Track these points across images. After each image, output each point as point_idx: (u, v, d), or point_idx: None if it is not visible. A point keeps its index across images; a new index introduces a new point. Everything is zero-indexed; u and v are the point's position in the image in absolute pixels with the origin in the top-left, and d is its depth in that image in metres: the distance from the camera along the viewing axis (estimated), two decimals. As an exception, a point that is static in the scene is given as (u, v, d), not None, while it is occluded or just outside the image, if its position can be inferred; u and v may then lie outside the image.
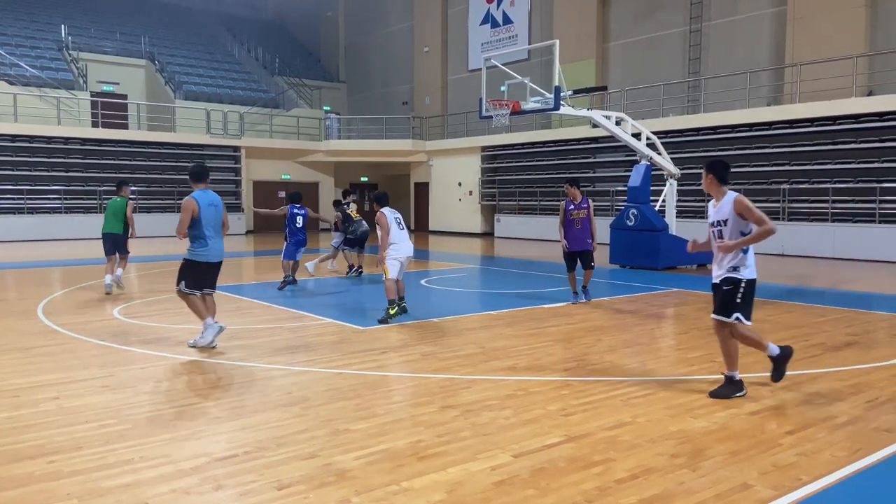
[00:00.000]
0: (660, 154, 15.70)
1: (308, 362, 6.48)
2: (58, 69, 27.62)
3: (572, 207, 9.99)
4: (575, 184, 10.14)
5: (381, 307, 8.95)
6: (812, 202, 18.24)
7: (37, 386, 5.63)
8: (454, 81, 31.49)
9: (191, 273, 6.96)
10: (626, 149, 18.28)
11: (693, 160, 20.45)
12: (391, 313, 8.60)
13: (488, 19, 29.47)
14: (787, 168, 18.90)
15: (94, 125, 26.12)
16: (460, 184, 29.02)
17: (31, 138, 24.37)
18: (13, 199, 23.58)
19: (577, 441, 4.38)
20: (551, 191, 25.18)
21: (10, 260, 16.62)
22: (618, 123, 15.16)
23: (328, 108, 33.75)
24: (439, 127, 31.09)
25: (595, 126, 16.69)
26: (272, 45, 37.15)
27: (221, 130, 28.23)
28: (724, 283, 5.50)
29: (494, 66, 14.33)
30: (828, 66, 18.06)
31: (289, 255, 11.90)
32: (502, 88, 14.57)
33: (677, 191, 16.37)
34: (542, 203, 25.70)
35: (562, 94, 13.43)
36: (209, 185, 7.11)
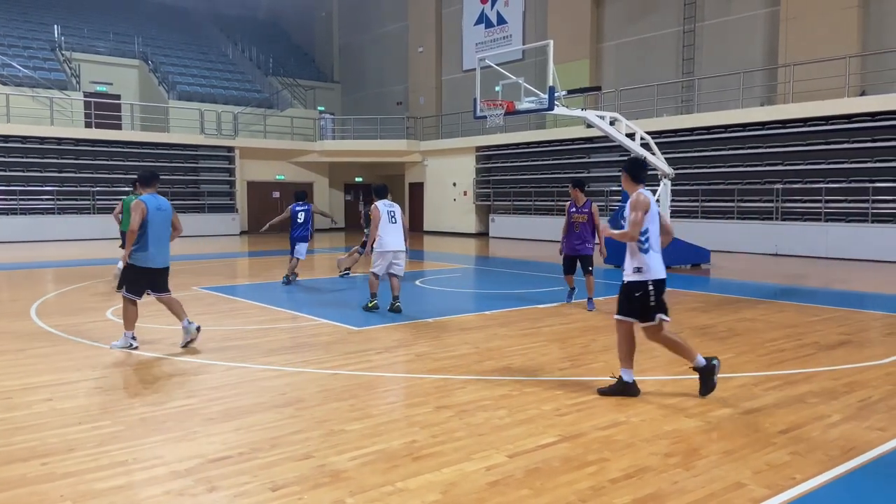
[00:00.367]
0: (654, 154, 15.71)
1: (302, 363, 6.47)
2: (51, 69, 27.52)
3: (574, 210, 9.75)
4: (578, 185, 9.76)
5: (378, 310, 9.25)
6: (805, 202, 18.30)
7: (30, 387, 5.61)
8: (448, 81, 31.49)
9: (132, 279, 7.02)
10: (621, 149, 18.30)
11: (687, 160, 20.52)
12: (368, 306, 9.22)
13: (482, 19, 29.48)
14: (780, 168, 18.96)
15: (88, 126, 26.02)
16: (455, 184, 29.02)
17: (24, 139, 24.27)
18: (6, 199, 23.46)
19: (571, 441, 4.38)
20: (546, 191, 25.21)
21: (3, 261, 16.55)
22: (612, 124, 15.17)
23: (322, 109, 33.70)
24: (434, 127, 31.09)
25: (589, 126, 16.68)
26: (266, 45, 37.09)
27: (215, 131, 28.17)
28: (634, 288, 5.47)
29: (489, 66, 14.32)
30: (820, 67, 18.13)
31: (292, 252, 12.46)
32: (497, 89, 14.57)
33: (671, 191, 16.40)
34: (537, 203, 25.73)
35: (556, 94, 13.43)
36: (157, 190, 7.20)
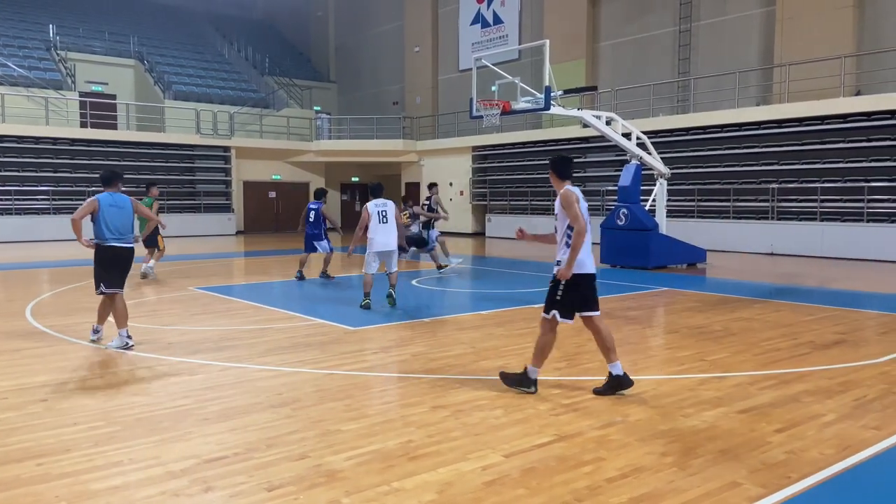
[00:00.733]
0: (650, 154, 15.74)
1: (298, 363, 6.46)
2: (46, 69, 27.44)
3: None
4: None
5: (375, 309, 9.38)
6: (801, 201, 18.34)
7: (25, 388, 5.59)
8: (445, 81, 31.49)
9: (104, 266, 7.11)
10: (617, 148, 18.33)
11: (683, 160, 20.56)
12: (361, 305, 9.47)
13: (479, 19, 29.49)
14: (775, 167, 19.00)
15: (83, 125, 25.96)
16: (451, 184, 29.02)
17: (20, 138, 24.19)
18: (1, 199, 23.40)
19: (567, 440, 4.39)
20: (542, 191, 25.23)
21: (-2, 261, 16.49)
22: (608, 123, 15.18)
23: (319, 108, 33.68)
24: (430, 127, 31.09)
25: (585, 126, 16.71)
26: (262, 44, 37.04)
27: (211, 130, 28.13)
28: (552, 278, 5.43)
29: (485, 66, 14.32)
30: (816, 66, 18.17)
31: (305, 249, 12.96)
32: (493, 88, 14.57)
33: (667, 190, 16.43)
34: (533, 203, 25.75)
35: (552, 94, 13.44)
36: (122, 190, 7.45)
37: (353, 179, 32.88)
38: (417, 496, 3.58)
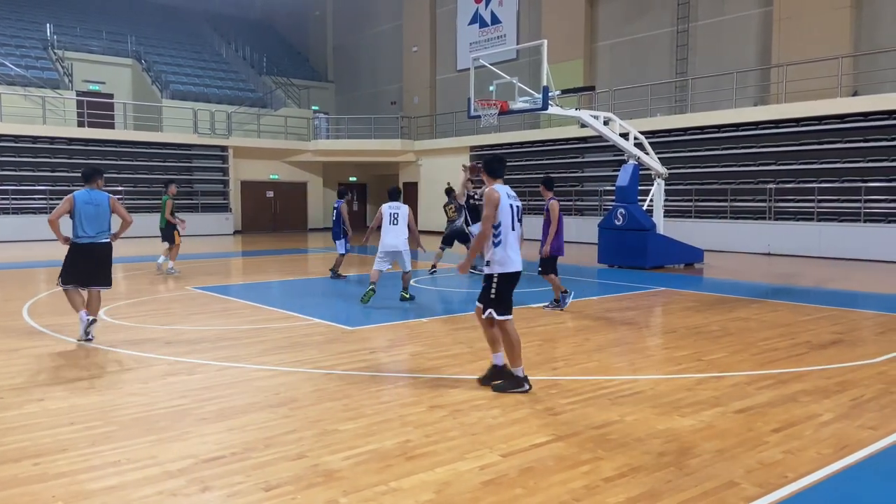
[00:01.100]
0: (647, 154, 15.76)
1: (296, 363, 6.45)
2: (43, 68, 27.39)
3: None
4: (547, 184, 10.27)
5: (373, 308, 9.41)
6: (798, 201, 18.37)
7: (21, 387, 5.58)
8: (443, 81, 31.49)
9: (69, 261, 7.34)
10: (614, 149, 18.34)
11: (680, 160, 20.58)
12: (364, 294, 9.81)
13: (477, 19, 29.49)
14: (773, 168, 19.03)
15: (80, 125, 25.90)
16: (449, 183, 28.98)
17: (16, 138, 24.15)
18: (-2, 199, 23.39)
19: (564, 440, 4.39)
20: (540, 191, 25.19)
21: (-5, 261, 16.46)
22: (606, 123, 15.20)
23: (317, 108, 33.66)
24: (428, 127, 31.08)
25: (583, 126, 16.72)
26: (260, 44, 37.01)
27: (209, 130, 28.09)
28: (485, 279, 5.58)
29: (483, 65, 14.33)
30: (813, 67, 18.20)
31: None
32: (491, 88, 14.58)
33: (665, 190, 16.45)
34: (531, 203, 25.73)
35: (550, 94, 13.45)
36: (103, 187, 7.64)
37: (351, 179, 32.86)
38: (415, 496, 3.58)
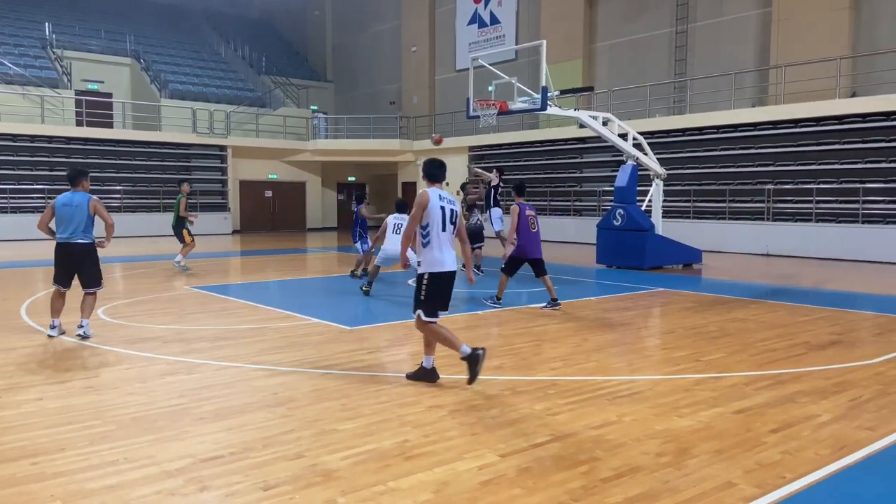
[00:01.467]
0: (646, 154, 15.76)
1: (295, 363, 6.45)
2: (42, 67, 27.35)
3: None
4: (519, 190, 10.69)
5: (372, 308, 9.51)
6: (796, 202, 18.38)
7: (20, 387, 5.58)
8: (441, 81, 31.48)
9: (54, 261, 7.61)
10: (613, 149, 18.34)
11: (679, 161, 20.58)
12: (361, 287, 10.80)
13: (476, 19, 29.49)
14: (771, 168, 19.04)
15: (79, 124, 25.87)
16: (447, 183, 28.88)
17: (15, 137, 24.13)
18: (-4, 198, 23.36)
19: (563, 440, 4.39)
20: (538, 191, 25.24)
21: (-7, 260, 16.44)
22: (604, 124, 15.20)
23: (315, 108, 33.64)
24: (427, 127, 31.06)
25: (582, 126, 16.73)
26: (259, 43, 36.99)
27: (207, 130, 28.07)
28: (417, 279, 5.77)
29: (482, 66, 14.32)
30: (812, 68, 18.21)
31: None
32: (490, 88, 14.58)
33: (663, 191, 16.45)
34: (530, 203, 25.68)
35: (549, 94, 13.45)
36: (87, 188, 7.76)
37: (350, 179, 32.85)
38: (413, 496, 3.58)
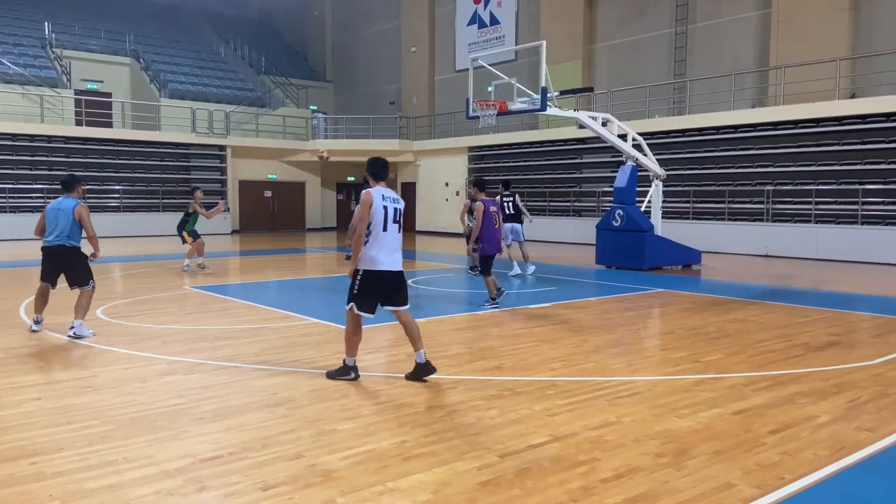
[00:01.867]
0: (645, 155, 15.77)
1: (294, 363, 6.45)
2: (41, 67, 27.35)
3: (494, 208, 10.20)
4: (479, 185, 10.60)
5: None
6: (795, 203, 18.40)
7: (18, 387, 5.57)
8: (441, 81, 31.49)
9: (42, 261, 7.85)
10: (613, 150, 18.35)
11: (679, 161, 20.60)
12: None
13: (475, 20, 29.50)
14: (770, 169, 19.06)
15: (78, 123, 25.86)
16: (447, 184, 29.02)
17: (14, 136, 24.11)
18: (-5, 197, 23.35)
19: (562, 441, 4.39)
20: (538, 191, 25.27)
21: (-8, 259, 16.43)
22: (604, 124, 15.21)
23: (315, 108, 33.64)
24: (426, 127, 31.08)
25: (581, 127, 16.74)
26: (259, 43, 36.99)
27: (207, 129, 28.06)
28: (353, 272, 5.88)
29: (481, 66, 14.33)
30: (811, 69, 18.22)
31: None
32: (489, 89, 14.59)
33: (663, 192, 16.46)
34: (529, 203, 25.72)
35: (548, 94, 13.46)
36: (76, 195, 7.89)
37: (349, 179, 32.85)
38: (412, 496, 3.58)
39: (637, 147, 15.69)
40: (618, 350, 7.26)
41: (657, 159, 16.36)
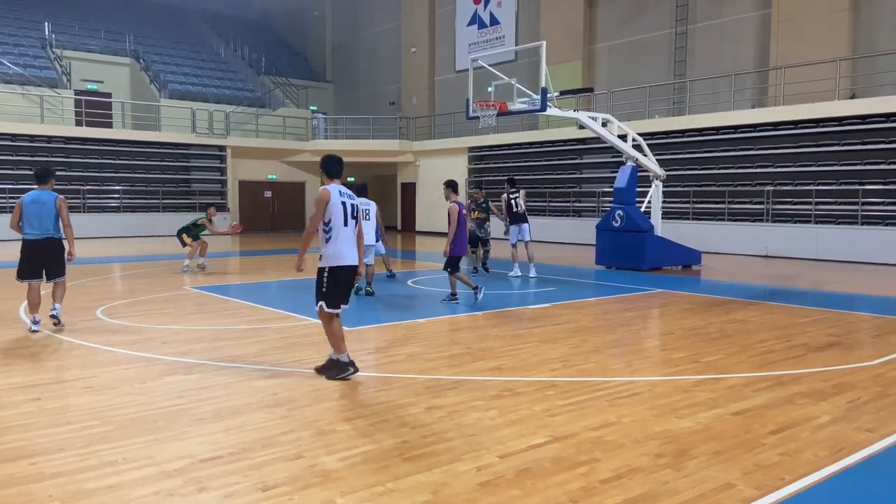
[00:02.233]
0: (645, 155, 15.77)
1: (294, 363, 6.45)
2: (41, 67, 27.35)
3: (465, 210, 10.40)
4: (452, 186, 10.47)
5: (371, 308, 9.46)
6: (795, 204, 18.40)
7: (18, 387, 5.57)
8: (441, 82, 31.49)
9: (22, 256, 7.91)
10: (613, 150, 18.35)
11: (678, 162, 20.60)
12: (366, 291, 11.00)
13: (475, 20, 29.50)
14: (770, 170, 19.06)
15: (78, 124, 25.87)
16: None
17: (14, 136, 24.12)
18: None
19: (562, 441, 4.39)
20: (538, 192, 25.25)
21: (-8, 259, 16.41)
22: (604, 125, 15.21)
23: (315, 108, 33.64)
24: (426, 127, 31.08)
25: (581, 127, 16.74)
26: (258, 44, 37.00)
27: (207, 130, 28.07)
28: (317, 273, 5.92)
29: (481, 66, 14.33)
30: (811, 69, 18.23)
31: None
32: (489, 89, 14.59)
33: (663, 192, 16.46)
34: (529, 204, 25.68)
35: (548, 95, 13.46)
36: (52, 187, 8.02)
37: (350, 179, 32.83)
38: (412, 497, 3.58)
39: (637, 147, 15.69)
40: (618, 350, 7.25)
41: (657, 160, 16.36)
